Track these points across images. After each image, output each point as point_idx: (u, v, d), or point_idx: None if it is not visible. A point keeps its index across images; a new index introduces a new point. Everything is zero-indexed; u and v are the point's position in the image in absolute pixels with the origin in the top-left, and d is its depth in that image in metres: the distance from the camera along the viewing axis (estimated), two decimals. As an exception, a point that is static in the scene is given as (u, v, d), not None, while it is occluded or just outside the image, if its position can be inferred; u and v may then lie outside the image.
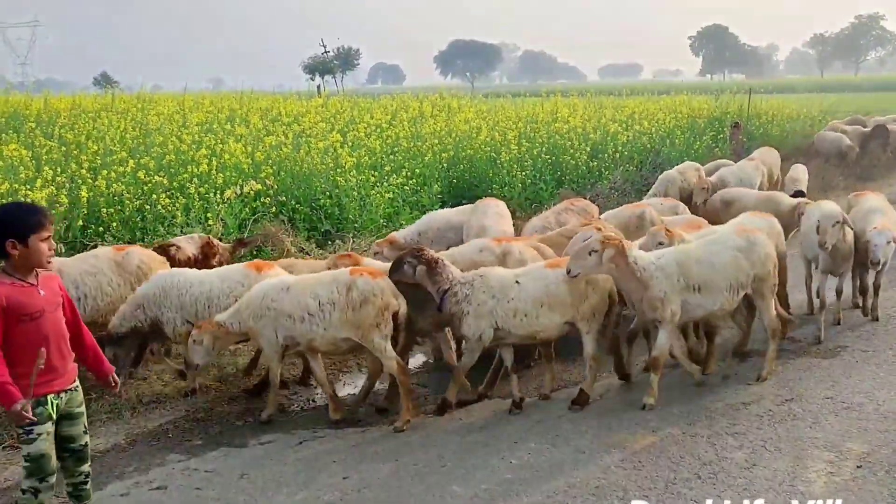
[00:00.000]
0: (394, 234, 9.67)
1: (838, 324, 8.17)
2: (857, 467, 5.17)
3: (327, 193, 12.05)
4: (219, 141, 13.04)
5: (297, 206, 11.84)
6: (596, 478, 5.14)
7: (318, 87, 40.56)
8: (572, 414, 6.19)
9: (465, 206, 10.62)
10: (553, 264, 6.38)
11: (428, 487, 5.11)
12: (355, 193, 12.13)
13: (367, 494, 5.06)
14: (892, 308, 8.69)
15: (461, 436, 6.00)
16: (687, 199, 12.85)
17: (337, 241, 11.43)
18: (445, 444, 5.78)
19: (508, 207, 13.75)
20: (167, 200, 10.19)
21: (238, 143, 12.81)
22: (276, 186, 11.87)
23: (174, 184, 10.91)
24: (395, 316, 6.23)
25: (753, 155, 15.30)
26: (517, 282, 6.20)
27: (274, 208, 11.34)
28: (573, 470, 5.26)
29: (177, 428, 6.31)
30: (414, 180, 13.16)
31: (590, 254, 5.97)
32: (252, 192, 11.25)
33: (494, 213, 9.46)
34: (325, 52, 45.22)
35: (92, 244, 9.33)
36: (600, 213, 10.17)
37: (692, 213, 10.24)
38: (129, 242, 9.72)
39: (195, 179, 10.93)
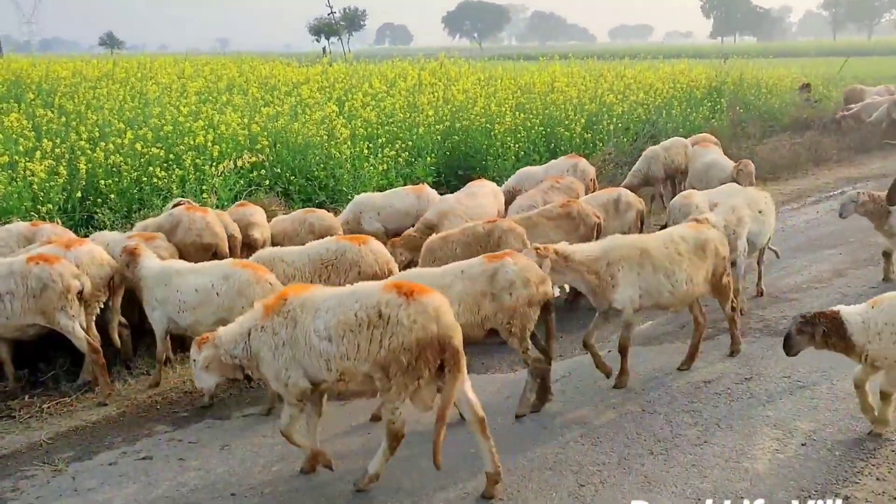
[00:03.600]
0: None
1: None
2: (802, 445, 5.50)
3: (321, 165, 12.28)
4: (217, 111, 13.24)
5: (293, 177, 12.08)
6: (554, 453, 5.47)
7: (324, 48, 40.49)
8: (539, 391, 6.50)
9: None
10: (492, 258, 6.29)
11: (397, 460, 5.42)
12: (349, 165, 12.35)
13: (338, 466, 5.39)
14: (861, 287, 8.97)
15: (430, 413, 6.31)
16: (671, 175, 13.07)
17: (332, 212, 11.67)
18: (416, 420, 6.09)
19: (503, 180, 14.03)
20: (163, 173, 10.43)
21: (235, 114, 13.01)
22: (271, 158, 12.10)
23: (170, 155, 11.14)
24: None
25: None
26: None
27: (268, 180, 11.57)
28: (534, 445, 5.59)
29: (164, 400, 6.65)
30: (407, 152, 13.36)
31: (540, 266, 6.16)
32: (248, 164, 11.48)
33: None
34: (331, 13, 44.90)
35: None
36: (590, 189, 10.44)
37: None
38: (126, 214, 10.07)
39: (191, 151, 11.16)
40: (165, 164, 10.85)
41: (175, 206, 8.64)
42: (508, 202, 10.16)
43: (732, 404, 6.15)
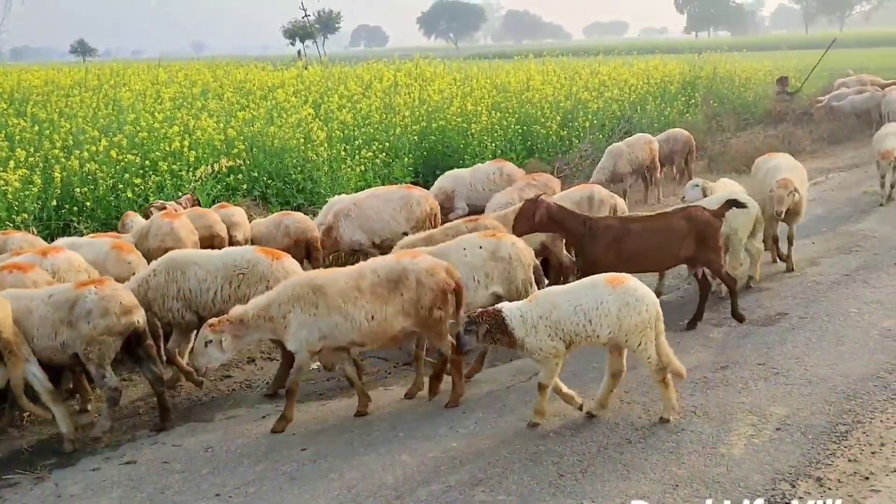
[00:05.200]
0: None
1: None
2: (777, 429, 5.60)
3: (298, 168, 12.31)
4: (192, 116, 13.23)
5: (270, 181, 12.10)
6: (535, 444, 5.54)
7: (299, 52, 40.32)
8: (520, 385, 6.59)
9: None
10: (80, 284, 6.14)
11: (379, 456, 5.51)
12: (326, 168, 12.39)
13: (321, 465, 5.45)
14: (835, 274, 9.13)
15: (415, 407, 6.39)
16: (638, 171, 13.23)
17: (310, 215, 11.70)
18: (400, 415, 6.17)
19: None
20: (138, 180, 10.42)
21: (211, 119, 13.01)
22: (248, 162, 12.12)
23: (146, 162, 11.13)
24: None
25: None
26: None
27: (245, 185, 11.58)
28: (515, 438, 5.67)
29: (147, 404, 6.67)
30: (385, 153, 13.41)
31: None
32: (224, 169, 11.49)
33: None
34: (306, 16, 44.73)
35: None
36: (562, 187, 10.53)
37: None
38: (103, 222, 10.05)
39: (168, 157, 11.15)
40: (141, 171, 10.84)
41: (160, 209, 8.75)
42: (442, 203, 10.15)
43: (709, 392, 6.26)
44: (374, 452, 5.58)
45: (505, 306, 5.66)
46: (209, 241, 8.21)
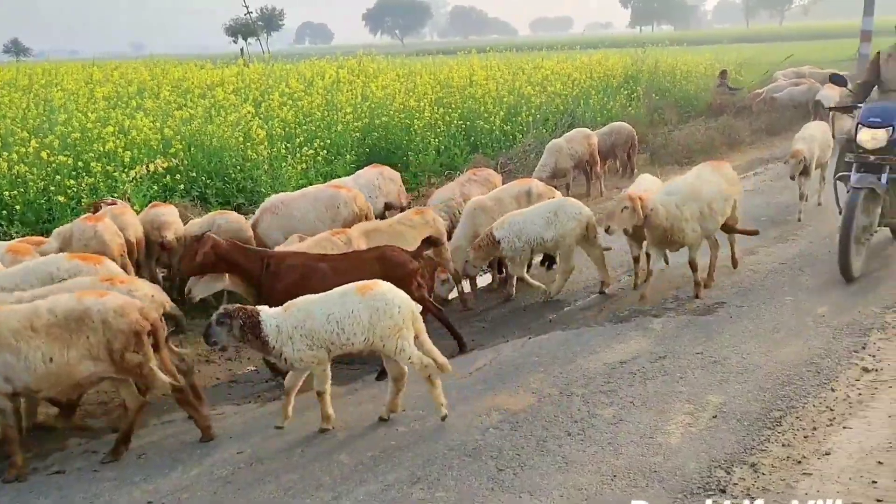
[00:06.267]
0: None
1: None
2: (713, 417, 5.66)
3: (238, 167, 12.11)
4: (126, 116, 12.92)
5: (209, 181, 11.87)
6: (474, 440, 5.51)
7: (242, 49, 39.86)
8: (460, 381, 6.53)
9: None
10: None
11: (316, 457, 5.42)
12: (266, 166, 12.21)
13: (258, 468, 5.34)
14: (772, 263, 9.29)
15: (354, 406, 6.31)
16: (578, 165, 13.32)
17: (250, 214, 11.51)
18: (338, 415, 6.07)
19: (424, 174, 14.08)
20: (71, 182, 10.14)
21: (147, 119, 12.72)
22: (186, 162, 11.87)
23: (79, 163, 10.83)
24: None
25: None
26: None
27: (183, 185, 11.35)
28: (454, 433, 5.63)
29: (79, 410, 6.46)
30: (326, 151, 13.27)
31: None
32: (161, 169, 11.23)
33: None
34: (248, 13, 44.20)
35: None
36: (502, 181, 10.53)
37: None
38: (34, 226, 9.74)
39: (102, 158, 10.86)
40: (74, 173, 10.53)
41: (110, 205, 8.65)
42: None
43: (647, 383, 6.29)
44: (311, 454, 5.49)
45: (263, 310, 5.57)
46: (129, 243, 8.08)
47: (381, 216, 9.99)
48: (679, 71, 24.59)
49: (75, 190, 10.12)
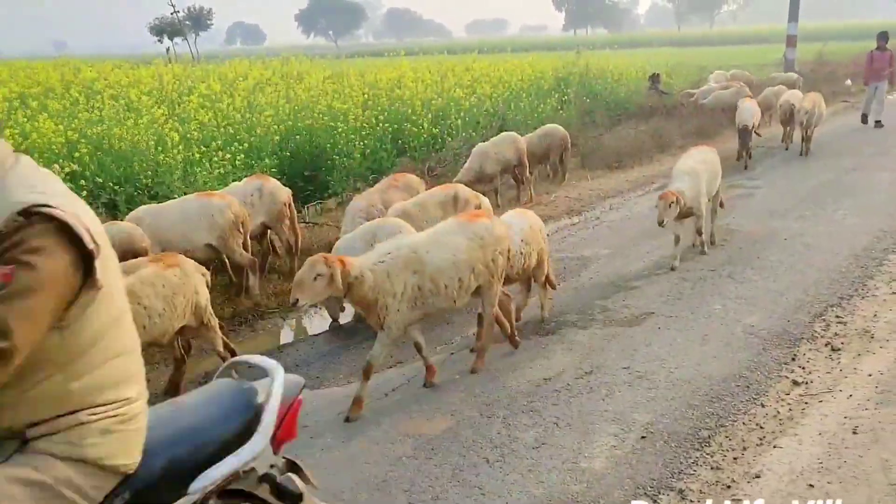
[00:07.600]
0: None
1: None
2: (641, 437, 5.33)
3: (149, 172, 11.43)
4: (27, 118, 12.13)
5: (118, 186, 11.17)
6: (384, 472, 5.07)
7: (167, 49, 38.57)
8: (374, 404, 6.09)
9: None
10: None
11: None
12: (178, 172, 11.56)
13: None
14: (700, 270, 9.07)
15: (258, 434, 5.81)
16: (506, 170, 13.04)
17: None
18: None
19: (350, 177, 13.58)
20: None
21: (50, 120, 11.95)
22: (91, 167, 11.15)
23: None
24: None
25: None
26: None
27: (87, 191, 10.63)
28: (363, 465, 5.18)
29: None
30: (244, 154, 12.67)
31: None
32: (62, 174, 10.50)
33: None
34: (175, 11, 42.80)
35: None
36: (426, 186, 10.11)
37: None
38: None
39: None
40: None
41: None
42: None
43: (572, 401, 5.95)
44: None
45: None
46: None
47: (260, 235, 9.44)
48: (611, 74, 24.55)
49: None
